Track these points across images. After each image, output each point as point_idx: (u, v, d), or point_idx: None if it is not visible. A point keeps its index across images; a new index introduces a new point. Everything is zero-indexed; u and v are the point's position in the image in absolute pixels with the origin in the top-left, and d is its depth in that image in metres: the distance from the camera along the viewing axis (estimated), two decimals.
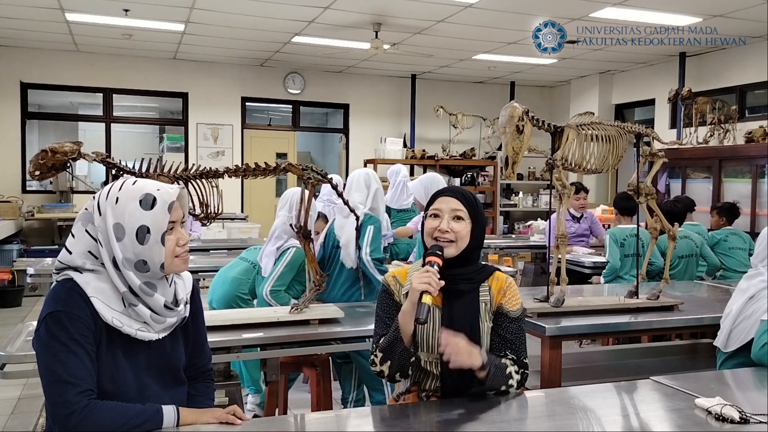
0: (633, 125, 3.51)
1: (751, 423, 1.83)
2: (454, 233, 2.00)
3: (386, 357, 1.99)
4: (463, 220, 2.02)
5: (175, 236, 1.72)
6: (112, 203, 1.68)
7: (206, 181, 3.12)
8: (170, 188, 1.73)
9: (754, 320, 2.51)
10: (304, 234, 3.13)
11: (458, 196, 2.05)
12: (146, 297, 1.69)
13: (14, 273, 7.44)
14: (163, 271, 1.71)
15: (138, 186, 1.71)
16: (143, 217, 1.66)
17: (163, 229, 1.67)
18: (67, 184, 8.87)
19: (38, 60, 8.90)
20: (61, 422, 1.60)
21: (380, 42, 7.34)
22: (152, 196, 1.68)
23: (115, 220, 1.66)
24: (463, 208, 2.03)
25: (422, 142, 10.48)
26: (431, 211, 2.06)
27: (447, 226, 2.00)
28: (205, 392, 1.93)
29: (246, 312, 3.36)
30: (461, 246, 2.02)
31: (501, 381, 1.98)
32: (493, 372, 1.95)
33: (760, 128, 7.12)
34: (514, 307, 2.06)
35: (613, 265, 4.96)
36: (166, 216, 1.68)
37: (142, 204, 1.67)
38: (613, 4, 6.28)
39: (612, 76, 9.97)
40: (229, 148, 9.88)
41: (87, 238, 1.69)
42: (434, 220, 2.04)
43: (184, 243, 1.75)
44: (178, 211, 1.74)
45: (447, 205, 2.04)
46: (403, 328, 1.96)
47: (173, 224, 1.72)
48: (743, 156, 7.12)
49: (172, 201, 1.69)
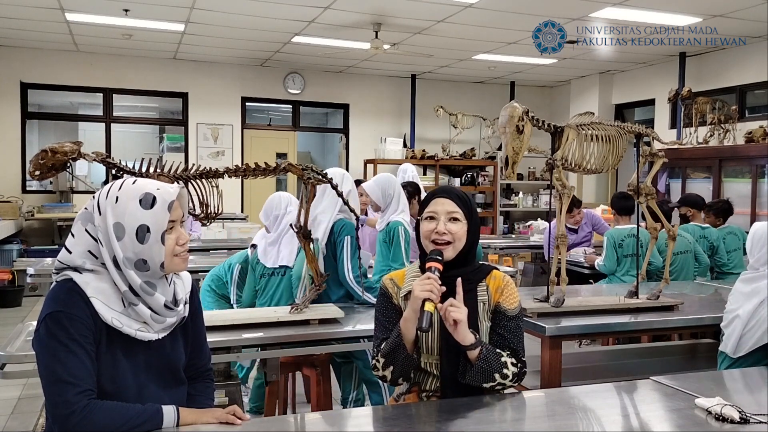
0: (633, 125, 3.51)
1: (751, 423, 1.83)
2: (451, 234, 2.00)
3: (389, 363, 2.00)
4: (460, 221, 2.02)
5: (174, 235, 1.72)
6: (112, 203, 1.68)
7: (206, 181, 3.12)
8: (170, 188, 1.73)
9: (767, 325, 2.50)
10: (304, 234, 3.13)
11: (452, 196, 2.05)
12: (147, 296, 1.69)
13: (14, 273, 7.44)
14: (163, 271, 1.71)
15: (138, 185, 1.71)
16: (143, 217, 1.66)
17: (163, 228, 1.68)
18: (67, 184, 8.87)
19: (38, 60, 8.90)
20: (61, 422, 1.60)
21: (380, 42, 7.35)
22: (152, 195, 1.68)
23: (115, 219, 1.66)
24: (458, 209, 2.03)
25: (422, 142, 10.49)
26: (426, 213, 2.05)
27: (444, 228, 2.00)
28: (204, 392, 1.92)
29: (246, 312, 3.36)
30: (459, 246, 2.02)
31: (494, 366, 1.95)
32: (485, 354, 1.94)
33: (760, 128, 7.12)
34: (511, 306, 2.06)
35: (609, 268, 5.01)
36: (166, 215, 1.68)
37: (142, 203, 1.67)
38: (613, 4, 6.28)
39: (612, 76, 9.97)
40: (229, 148, 9.88)
41: (87, 238, 1.69)
42: (430, 222, 2.03)
43: (183, 242, 1.75)
44: (178, 211, 1.74)
45: (442, 207, 2.03)
46: (405, 334, 1.97)
47: (173, 223, 1.72)
48: (743, 156, 7.12)
49: (172, 200, 1.69)
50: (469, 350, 1.94)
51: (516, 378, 2.01)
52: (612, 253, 4.98)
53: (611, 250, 4.99)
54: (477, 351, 1.94)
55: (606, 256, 5.03)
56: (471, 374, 1.95)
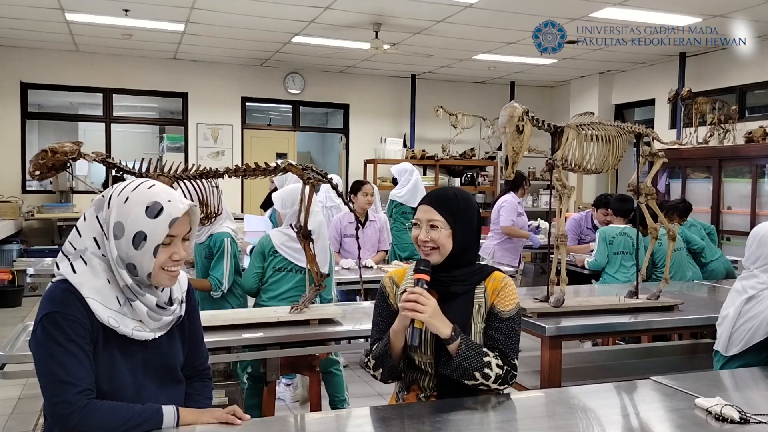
0: (633, 125, 3.52)
1: (751, 423, 1.83)
2: (433, 241, 2.01)
3: (378, 365, 2.05)
4: (440, 228, 2.02)
5: (170, 250, 1.70)
6: (121, 201, 1.68)
7: (206, 181, 3.12)
8: (181, 203, 1.70)
9: (757, 322, 2.51)
10: (304, 234, 3.13)
11: (433, 203, 2.05)
12: (138, 296, 1.69)
13: (14, 273, 7.44)
14: (149, 281, 1.70)
15: (151, 192, 1.69)
16: (145, 224, 1.65)
17: (159, 241, 1.66)
18: (67, 184, 8.87)
19: (38, 60, 8.90)
20: (61, 422, 1.60)
21: (380, 42, 7.34)
22: (160, 205, 1.67)
23: (118, 218, 1.66)
24: (438, 216, 2.02)
25: (422, 142, 10.48)
26: (414, 220, 2.10)
27: (425, 236, 2.02)
28: (202, 391, 1.92)
29: (246, 312, 3.36)
30: (445, 252, 2.02)
31: (474, 364, 1.93)
32: (464, 350, 1.93)
33: (760, 128, 7.11)
34: (506, 308, 2.03)
35: (599, 263, 5.10)
36: (166, 229, 1.66)
37: (148, 211, 1.66)
38: (613, 4, 6.28)
39: (612, 76, 9.97)
40: (229, 148, 9.88)
41: (96, 225, 1.69)
42: (416, 229, 2.07)
43: (177, 258, 1.72)
44: (183, 227, 1.72)
45: (424, 214, 2.05)
46: (394, 344, 2.00)
47: (172, 238, 1.70)
48: (743, 156, 7.12)
49: (176, 217, 1.67)
50: (447, 344, 1.94)
51: (501, 380, 1.96)
52: (603, 248, 5.08)
53: (603, 245, 5.08)
54: (455, 345, 1.93)
55: (597, 251, 5.12)
56: (449, 368, 1.95)
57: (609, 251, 5.05)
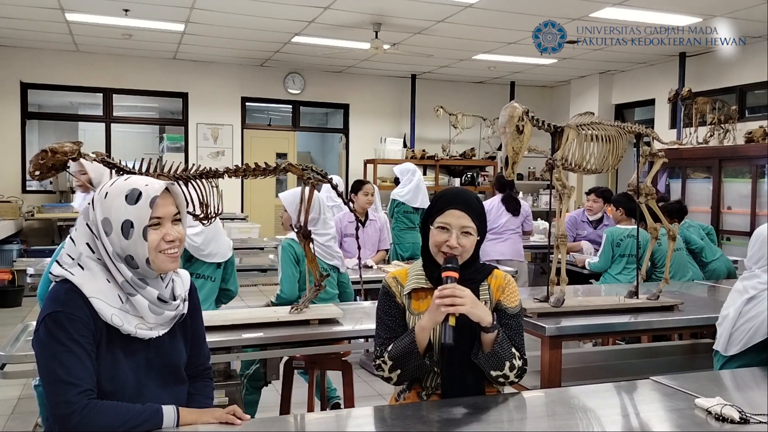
0: (633, 125, 3.51)
1: (751, 423, 1.83)
2: (461, 248, 2.00)
3: (397, 366, 1.99)
4: (472, 236, 2.01)
5: (161, 231, 1.71)
6: (101, 198, 1.70)
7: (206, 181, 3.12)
8: (157, 183, 1.72)
9: (757, 323, 2.50)
10: (304, 234, 3.13)
11: (467, 209, 2.01)
12: (139, 289, 1.69)
13: (14, 273, 7.44)
14: (150, 267, 1.70)
15: (128, 182, 1.72)
16: (128, 212, 1.67)
17: (144, 223, 1.67)
18: (67, 184, 8.86)
19: (38, 60, 8.90)
20: (61, 422, 1.60)
21: (380, 42, 7.34)
22: (138, 191, 1.69)
23: (103, 214, 1.68)
24: (472, 224, 2.01)
25: (422, 142, 10.48)
26: (439, 223, 2.02)
27: (456, 242, 1.99)
28: (203, 391, 1.92)
29: (246, 312, 3.36)
30: (466, 257, 2.03)
31: (507, 353, 1.96)
32: (502, 337, 1.95)
33: (760, 128, 7.12)
34: (512, 304, 2.07)
35: (602, 265, 5.04)
36: (148, 210, 1.68)
37: (128, 198, 1.68)
38: (613, 4, 6.28)
39: (612, 76, 9.97)
40: (229, 148, 9.88)
41: (86, 231, 1.71)
42: (442, 233, 2.00)
43: (171, 239, 1.72)
44: (167, 208, 1.73)
45: (457, 220, 2.00)
46: (420, 341, 1.97)
47: (160, 219, 1.71)
48: (743, 156, 7.12)
49: (155, 195, 1.69)
50: (488, 332, 1.93)
51: (519, 372, 2.00)
52: (609, 250, 4.99)
53: (608, 247, 5.00)
54: (494, 335, 1.94)
55: (602, 253, 5.04)
56: (484, 358, 1.95)
57: (615, 253, 4.96)
